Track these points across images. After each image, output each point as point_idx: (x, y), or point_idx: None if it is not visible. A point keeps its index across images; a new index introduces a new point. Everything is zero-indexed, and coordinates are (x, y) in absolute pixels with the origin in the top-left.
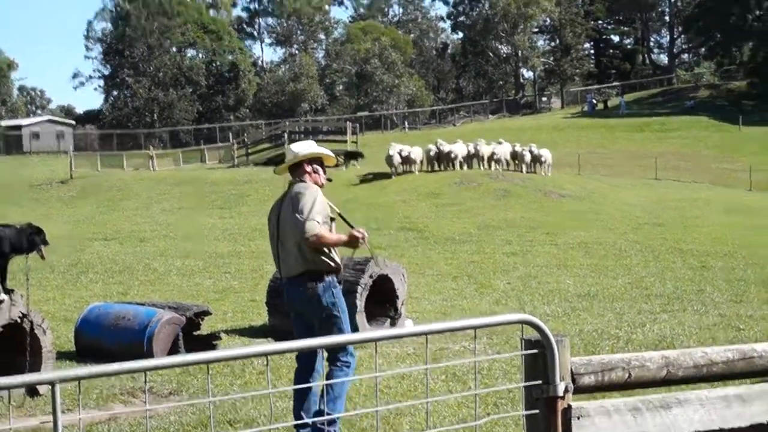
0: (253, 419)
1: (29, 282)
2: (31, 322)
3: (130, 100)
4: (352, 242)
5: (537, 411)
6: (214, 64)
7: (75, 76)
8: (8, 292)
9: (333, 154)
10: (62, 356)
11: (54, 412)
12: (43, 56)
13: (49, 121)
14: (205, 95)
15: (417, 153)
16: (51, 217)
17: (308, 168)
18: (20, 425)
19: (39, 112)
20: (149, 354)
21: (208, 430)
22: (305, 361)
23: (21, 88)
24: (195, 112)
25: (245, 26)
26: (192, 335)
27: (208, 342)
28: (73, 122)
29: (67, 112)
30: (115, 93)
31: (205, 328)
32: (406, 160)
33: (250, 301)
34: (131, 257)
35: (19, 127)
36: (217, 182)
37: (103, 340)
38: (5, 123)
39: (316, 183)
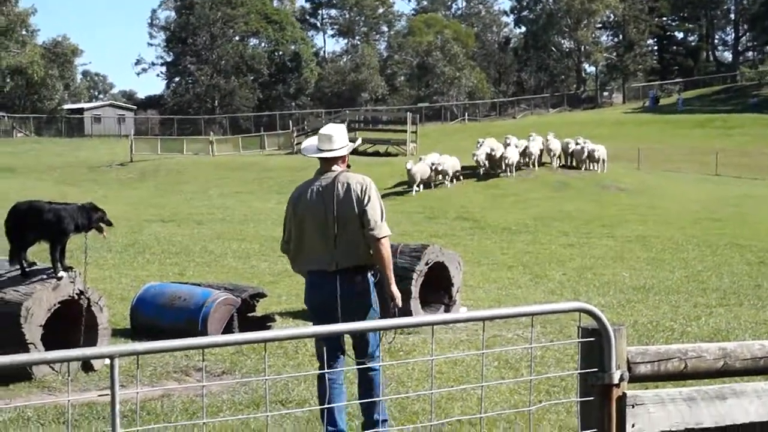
0: (305, 400)
1: (87, 260)
2: (89, 299)
3: (191, 87)
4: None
5: (592, 398)
6: (276, 54)
7: (138, 62)
8: (67, 269)
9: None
10: (117, 333)
11: (112, 386)
12: (107, 42)
13: (111, 105)
14: (266, 83)
15: (451, 164)
16: (110, 198)
17: (346, 161)
18: (77, 398)
19: (101, 96)
20: (203, 334)
21: (260, 409)
22: (333, 374)
23: (85, 73)
24: (256, 100)
25: (308, 17)
26: (247, 317)
27: (263, 323)
28: (135, 107)
29: (129, 97)
30: (176, 80)
31: (260, 310)
32: (438, 173)
33: (304, 284)
34: (188, 239)
35: (81, 111)
36: (275, 168)
37: (159, 320)
38: (68, 106)
39: None
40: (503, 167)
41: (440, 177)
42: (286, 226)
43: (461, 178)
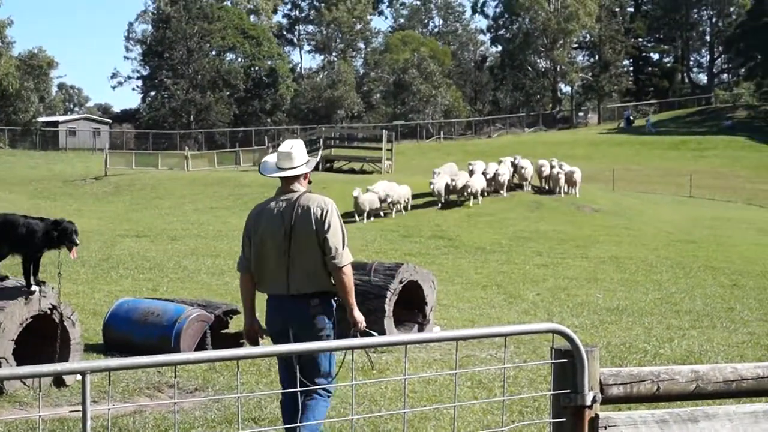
0: (278, 418)
1: (61, 274)
2: (61, 314)
3: (167, 101)
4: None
5: (564, 419)
6: (252, 69)
7: (113, 75)
8: (39, 284)
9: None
10: (90, 349)
11: (83, 402)
12: (83, 55)
13: (86, 119)
14: (242, 99)
15: (401, 193)
16: (84, 212)
17: (305, 179)
18: (48, 414)
19: (76, 109)
20: (176, 350)
21: (232, 427)
22: (292, 400)
23: (60, 86)
24: (231, 115)
25: (285, 32)
26: (220, 333)
27: (236, 341)
28: (110, 121)
29: (104, 110)
30: (152, 93)
31: (233, 327)
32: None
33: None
34: (162, 254)
35: (56, 124)
36: (250, 184)
37: (132, 335)
38: (43, 119)
39: None
40: (466, 196)
41: (390, 206)
42: (245, 244)
43: (408, 208)
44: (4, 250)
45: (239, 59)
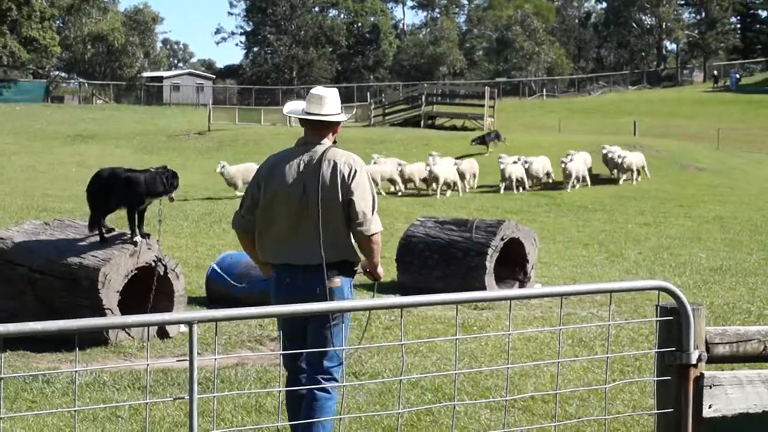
0: (378, 372)
1: (161, 228)
2: (165, 266)
3: (270, 57)
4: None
5: (669, 378)
6: (355, 25)
7: (217, 31)
8: (144, 236)
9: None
10: (192, 301)
11: (191, 351)
12: (188, 11)
13: (190, 74)
14: (344, 55)
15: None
16: (187, 167)
17: (335, 132)
18: (155, 363)
19: (180, 65)
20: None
21: None
22: (295, 390)
23: (164, 42)
24: (334, 71)
25: None
26: None
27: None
28: (213, 76)
29: (208, 66)
30: (255, 49)
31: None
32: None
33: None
34: None
35: (160, 79)
36: (353, 140)
37: (234, 288)
38: (147, 74)
39: None
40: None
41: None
42: (248, 198)
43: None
44: (111, 204)
45: (342, 15)
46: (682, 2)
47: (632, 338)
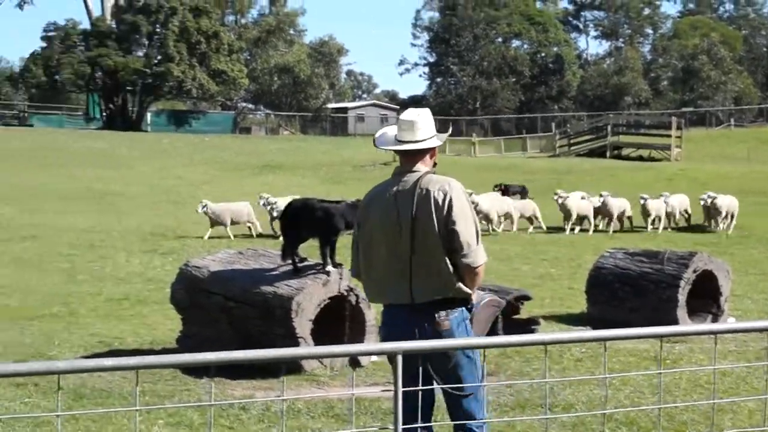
0: (571, 405)
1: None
2: (357, 296)
3: (453, 88)
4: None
5: None
6: (538, 55)
7: (401, 62)
8: (336, 265)
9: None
10: None
11: (395, 382)
12: (372, 43)
13: (374, 105)
14: (528, 85)
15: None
16: None
17: (432, 157)
18: (361, 392)
19: (365, 96)
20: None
21: (525, 412)
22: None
23: (349, 73)
24: (517, 101)
25: (571, 18)
26: (511, 319)
27: (527, 326)
28: (397, 107)
29: (392, 97)
30: (439, 80)
31: (524, 313)
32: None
33: (568, 288)
34: None
35: (345, 110)
36: (537, 171)
37: None
38: (332, 105)
39: None
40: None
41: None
42: (353, 242)
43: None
44: (303, 234)
45: (525, 45)
46: None
47: None
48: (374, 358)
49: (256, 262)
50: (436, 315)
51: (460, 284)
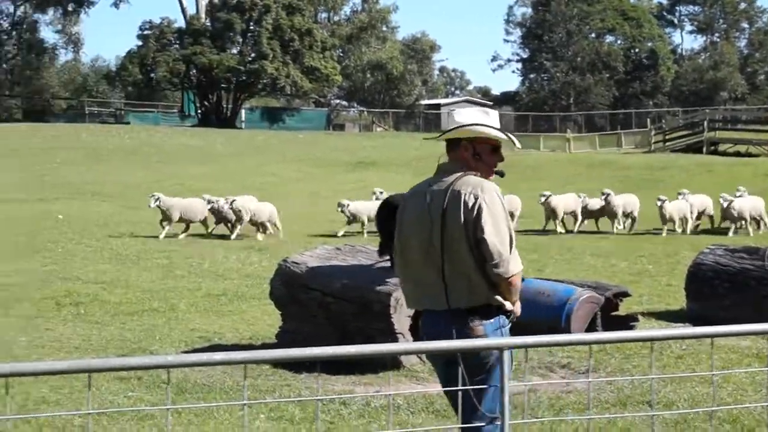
0: (672, 402)
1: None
2: None
3: (546, 84)
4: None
5: None
6: (632, 51)
7: (494, 59)
8: None
9: (504, 135)
10: None
11: (501, 377)
12: (464, 39)
13: (467, 101)
14: (621, 81)
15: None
16: None
17: (467, 151)
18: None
19: (457, 92)
20: (566, 331)
21: (627, 409)
22: None
23: (441, 69)
24: (611, 97)
25: (665, 14)
26: (609, 315)
27: (626, 323)
28: (490, 103)
29: (484, 93)
30: (532, 76)
31: (622, 309)
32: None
33: (666, 285)
34: (544, 237)
35: (438, 107)
36: (632, 166)
37: (521, 315)
38: (425, 102)
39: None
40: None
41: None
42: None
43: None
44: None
45: (619, 41)
46: None
47: None
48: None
49: (353, 258)
50: (470, 320)
51: (494, 294)
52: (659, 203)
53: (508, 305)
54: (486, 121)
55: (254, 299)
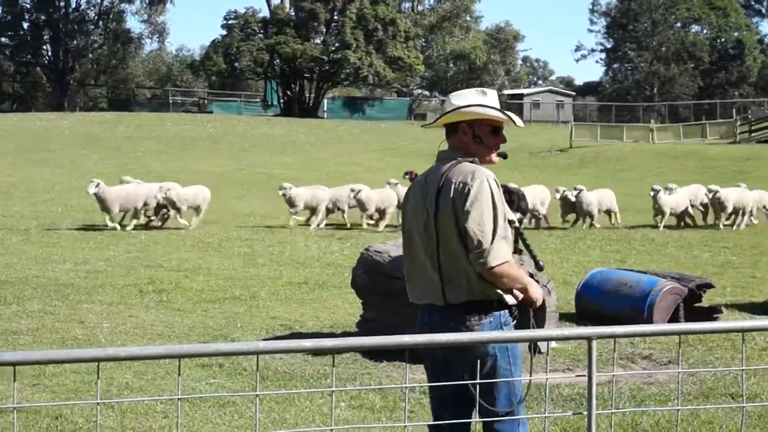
0: (756, 394)
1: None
2: (538, 282)
3: (630, 74)
4: (530, 299)
5: None
6: (718, 40)
7: (577, 48)
8: (517, 252)
9: (507, 116)
10: (562, 317)
11: (589, 366)
12: (548, 29)
13: (550, 91)
14: (707, 71)
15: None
16: (549, 183)
17: (466, 135)
18: (554, 378)
19: (540, 82)
20: (649, 322)
21: (710, 401)
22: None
23: (524, 59)
24: (696, 88)
25: (753, 2)
26: (693, 307)
27: (709, 315)
28: (573, 93)
29: (567, 83)
30: (615, 66)
31: (705, 301)
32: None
33: (751, 277)
34: (632, 230)
35: (521, 96)
36: (717, 158)
37: (604, 305)
38: (508, 92)
39: (481, 161)
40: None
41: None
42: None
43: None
44: None
45: (705, 31)
46: None
47: None
48: (553, 344)
49: None
50: (467, 319)
51: (491, 287)
52: (652, 193)
53: (508, 299)
54: (484, 101)
55: (335, 288)
